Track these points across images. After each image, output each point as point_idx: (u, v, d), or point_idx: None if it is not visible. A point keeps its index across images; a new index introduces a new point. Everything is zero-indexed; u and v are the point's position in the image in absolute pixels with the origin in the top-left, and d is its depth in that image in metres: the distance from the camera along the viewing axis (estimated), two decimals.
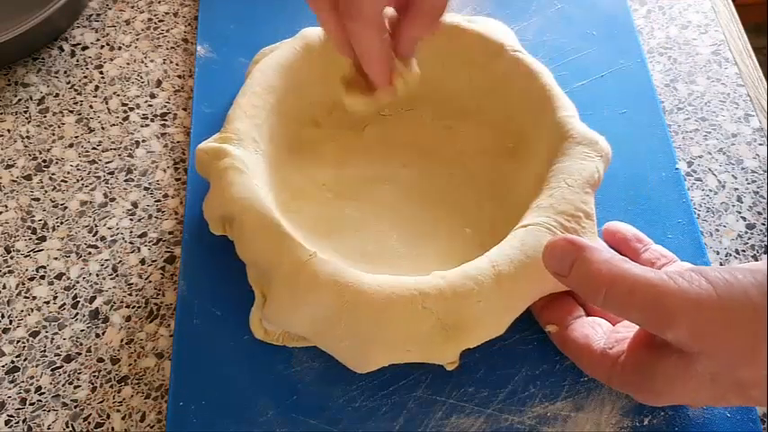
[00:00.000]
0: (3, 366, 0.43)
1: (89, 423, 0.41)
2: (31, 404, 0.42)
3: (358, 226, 0.46)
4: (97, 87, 0.54)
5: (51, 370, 0.43)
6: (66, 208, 0.49)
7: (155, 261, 0.47)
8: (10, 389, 0.42)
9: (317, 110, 0.49)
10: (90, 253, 0.47)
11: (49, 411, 0.42)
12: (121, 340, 0.44)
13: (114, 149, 0.51)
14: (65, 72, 0.55)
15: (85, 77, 0.55)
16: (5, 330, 0.44)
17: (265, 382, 0.41)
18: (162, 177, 0.50)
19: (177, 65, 0.55)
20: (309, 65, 0.48)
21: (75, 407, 0.42)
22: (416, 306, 0.37)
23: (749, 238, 0.47)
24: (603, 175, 0.43)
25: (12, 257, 0.47)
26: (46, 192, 0.49)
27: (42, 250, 0.47)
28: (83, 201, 0.49)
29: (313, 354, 0.42)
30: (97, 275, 0.46)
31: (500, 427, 0.40)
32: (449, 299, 0.37)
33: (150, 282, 0.46)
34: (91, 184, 0.50)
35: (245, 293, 0.43)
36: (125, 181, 0.50)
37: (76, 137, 0.52)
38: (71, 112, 0.53)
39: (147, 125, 0.52)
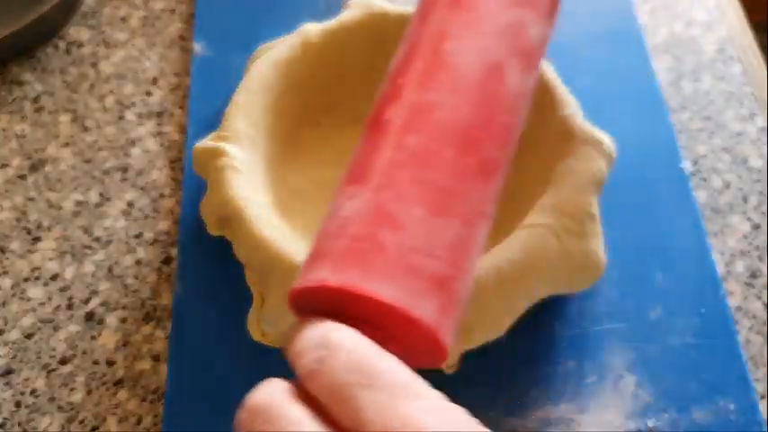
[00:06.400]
0: None
1: (84, 426, 0.41)
2: (26, 407, 0.41)
3: None
4: (93, 85, 0.54)
5: (46, 372, 0.42)
6: (61, 208, 0.48)
7: (151, 262, 0.46)
8: (4, 391, 0.42)
9: (316, 108, 0.49)
10: (85, 253, 0.46)
11: (44, 414, 0.41)
12: (117, 342, 0.43)
13: (110, 149, 0.51)
14: (60, 70, 0.54)
15: (81, 75, 0.54)
16: (0, 332, 0.44)
17: None
18: (158, 177, 0.49)
19: (173, 63, 0.55)
20: (308, 62, 0.47)
21: (71, 410, 0.41)
22: None
23: (754, 239, 0.47)
24: (608, 176, 0.42)
25: (6, 258, 0.46)
26: (41, 191, 0.49)
27: (37, 251, 0.46)
28: (78, 200, 0.48)
29: None
30: (92, 276, 0.46)
31: (502, 431, 0.39)
32: None
33: (146, 283, 0.45)
34: (86, 183, 0.49)
35: (242, 295, 0.42)
36: (121, 180, 0.49)
37: (72, 136, 0.51)
38: (66, 110, 0.52)
39: (142, 124, 0.52)
